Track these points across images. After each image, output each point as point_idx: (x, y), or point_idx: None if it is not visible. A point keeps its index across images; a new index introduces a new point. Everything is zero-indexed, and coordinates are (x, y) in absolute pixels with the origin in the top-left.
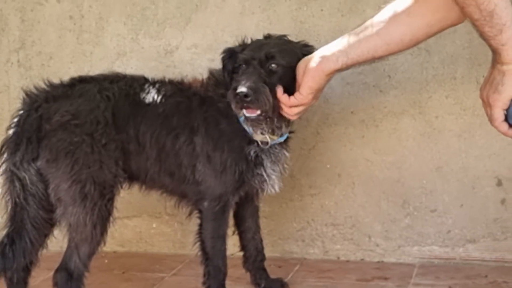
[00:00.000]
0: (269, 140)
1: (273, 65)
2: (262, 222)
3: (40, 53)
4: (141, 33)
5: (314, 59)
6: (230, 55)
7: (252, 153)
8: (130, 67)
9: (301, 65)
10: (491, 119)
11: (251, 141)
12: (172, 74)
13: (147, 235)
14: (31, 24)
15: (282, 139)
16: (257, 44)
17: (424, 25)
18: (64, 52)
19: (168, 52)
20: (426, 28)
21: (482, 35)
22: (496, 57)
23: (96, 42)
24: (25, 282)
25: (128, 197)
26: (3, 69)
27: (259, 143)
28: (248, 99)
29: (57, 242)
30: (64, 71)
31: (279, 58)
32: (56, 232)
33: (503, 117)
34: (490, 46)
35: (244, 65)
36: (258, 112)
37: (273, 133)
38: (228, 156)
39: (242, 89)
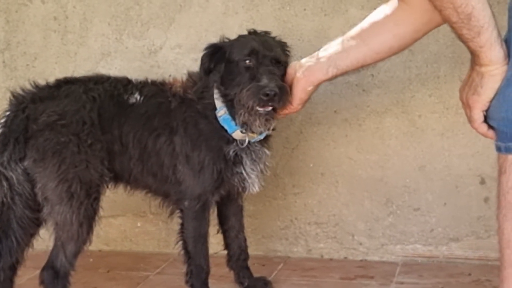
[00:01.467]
0: (247, 138)
1: (281, 63)
2: (246, 220)
3: (25, 54)
4: (125, 33)
5: (302, 69)
6: (215, 50)
7: (231, 152)
8: (114, 67)
9: (290, 71)
10: (470, 121)
11: (229, 140)
12: (156, 74)
13: (132, 234)
14: (16, 25)
15: (261, 137)
16: (258, 41)
17: (412, 31)
18: (49, 53)
19: (152, 52)
20: (414, 33)
21: (461, 38)
22: (474, 59)
23: (80, 43)
24: (11, 281)
25: (113, 196)
26: None
27: (238, 142)
28: (276, 97)
29: (43, 241)
30: (49, 71)
31: (284, 56)
32: (42, 231)
33: (482, 118)
34: (468, 48)
35: (253, 62)
36: (270, 107)
37: (252, 131)
38: (206, 156)
39: (274, 88)
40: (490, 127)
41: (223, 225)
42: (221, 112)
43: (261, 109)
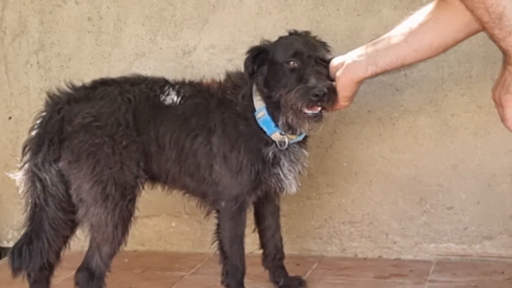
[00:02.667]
0: (287, 140)
1: (326, 62)
2: (281, 220)
3: (59, 55)
4: (159, 34)
5: (343, 68)
6: (258, 53)
7: (270, 153)
8: (148, 68)
9: (331, 68)
10: (503, 119)
11: (268, 142)
12: (190, 74)
13: (166, 234)
14: (50, 26)
15: (300, 138)
16: (301, 41)
17: (452, 29)
18: (83, 54)
19: (186, 52)
20: (454, 33)
21: (492, 37)
22: (506, 59)
23: (114, 43)
24: (47, 281)
25: (147, 196)
26: (22, 70)
27: (277, 143)
28: (325, 98)
29: (79, 242)
30: (83, 72)
31: (328, 55)
32: (78, 232)
33: None
34: (500, 48)
35: (298, 63)
36: (319, 108)
37: (292, 132)
38: (244, 157)
39: (322, 88)
40: None
41: (259, 225)
42: (261, 113)
43: (309, 112)
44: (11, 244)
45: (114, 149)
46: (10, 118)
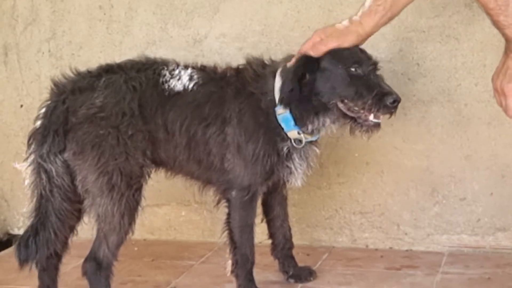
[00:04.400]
0: (304, 139)
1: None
2: (291, 210)
3: (71, 43)
4: (170, 22)
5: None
6: (307, 61)
7: (285, 149)
8: (159, 56)
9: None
10: (506, 109)
11: (284, 138)
12: (201, 63)
13: (176, 223)
14: (62, 14)
15: (315, 138)
16: (361, 51)
17: None
18: (94, 42)
19: (197, 41)
20: None
21: (497, 24)
22: (510, 46)
23: (125, 32)
24: (56, 269)
25: (157, 185)
26: (34, 59)
27: (292, 141)
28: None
29: (88, 229)
30: (94, 60)
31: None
32: (86, 219)
33: None
34: (504, 35)
35: (360, 69)
36: (382, 118)
37: (312, 133)
38: (261, 148)
39: (397, 97)
40: None
41: (268, 215)
42: (281, 110)
43: (374, 120)
44: (22, 232)
45: (119, 140)
46: (21, 106)
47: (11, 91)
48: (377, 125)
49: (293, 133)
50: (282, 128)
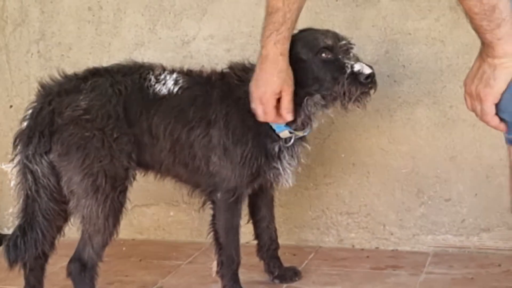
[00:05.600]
0: (293, 137)
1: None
2: (278, 210)
3: (60, 44)
4: (158, 23)
5: None
6: None
7: (276, 148)
8: (147, 58)
9: None
10: (482, 114)
11: (275, 138)
12: (189, 64)
13: (164, 223)
14: (51, 15)
15: (306, 133)
16: (331, 34)
17: None
18: (83, 43)
19: (185, 42)
20: None
21: (478, 29)
22: (487, 51)
23: (114, 33)
24: (42, 269)
25: (145, 185)
26: (23, 59)
27: (282, 140)
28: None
29: (77, 229)
30: (83, 62)
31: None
32: (73, 220)
33: (494, 111)
34: (483, 39)
35: (333, 54)
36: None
37: (303, 128)
38: (250, 150)
39: (371, 72)
40: (501, 120)
41: (254, 216)
42: None
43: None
44: (11, 232)
45: (104, 142)
46: (11, 106)
47: (0, 91)
48: (366, 93)
49: (284, 133)
50: (273, 130)
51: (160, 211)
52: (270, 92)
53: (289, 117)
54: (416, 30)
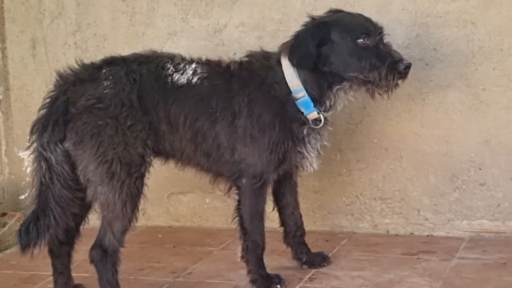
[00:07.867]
0: (322, 118)
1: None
2: (312, 196)
3: (95, 35)
4: (190, 13)
5: None
6: (321, 29)
7: (305, 132)
8: (180, 47)
9: None
10: None
11: (304, 121)
12: (221, 52)
13: (200, 210)
14: (86, 7)
15: (330, 114)
16: (366, 20)
17: None
18: (118, 34)
19: (217, 31)
20: None
21: None
22: None
23: (147, 23)
24: (69, 256)
25: (182, 173)
26: (61, 51)
27: (311, 122)
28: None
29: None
30: (118, 52)
31: None
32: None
33: None
34: None
35: (369, 40)
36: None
37: (329, 108)
38: (277, 136)
39: (408, 63)
40: None
41: (278, 203)
42: (301, 94)
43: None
44: None
45: (117, 130)
46: None
47: (40, 83)
48: (396, 84)
49: (313, 114)
50: (302, 113)
51: (196, 198)
52: None
53: None
54: (447, 13)
